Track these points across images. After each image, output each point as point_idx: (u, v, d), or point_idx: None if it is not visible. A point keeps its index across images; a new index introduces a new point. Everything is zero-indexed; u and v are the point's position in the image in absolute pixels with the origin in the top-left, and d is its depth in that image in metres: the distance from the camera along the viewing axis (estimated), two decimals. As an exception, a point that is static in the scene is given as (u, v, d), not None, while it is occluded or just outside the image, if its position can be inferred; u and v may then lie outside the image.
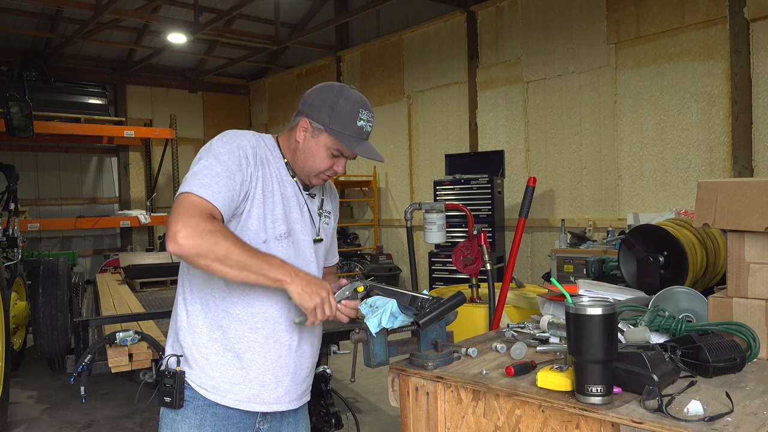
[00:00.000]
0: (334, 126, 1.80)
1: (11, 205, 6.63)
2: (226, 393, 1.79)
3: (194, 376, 1.79)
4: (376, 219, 9.86)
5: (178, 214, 1.59)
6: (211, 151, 1.73)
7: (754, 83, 5.84)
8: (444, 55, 8.76)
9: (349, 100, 1.82)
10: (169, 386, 1.77)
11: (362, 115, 1.83)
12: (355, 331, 1.79)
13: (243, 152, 1.74)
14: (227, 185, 1.67)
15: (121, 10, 8.24)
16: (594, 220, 7.01)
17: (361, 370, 5.33)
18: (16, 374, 5.90)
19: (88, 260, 10.79)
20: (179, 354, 1.81)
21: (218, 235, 1.58)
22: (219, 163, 1.69)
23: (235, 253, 1.59)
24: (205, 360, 1.79)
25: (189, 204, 1.61)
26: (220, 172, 1.67)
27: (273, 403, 1.85)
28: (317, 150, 1.84)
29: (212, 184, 1.65)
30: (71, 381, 3.19)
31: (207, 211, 1.62)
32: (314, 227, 1.93)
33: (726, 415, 1.36)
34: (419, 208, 4.08)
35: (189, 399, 1.78)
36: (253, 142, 1.80)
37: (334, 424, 2.77)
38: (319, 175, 1.88)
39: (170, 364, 1.80)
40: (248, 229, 1.76)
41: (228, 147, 1.73)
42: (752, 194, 1.87)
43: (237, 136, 1.79)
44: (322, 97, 1.84)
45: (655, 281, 2.44)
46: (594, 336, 1.43)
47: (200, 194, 1.62)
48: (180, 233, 1.56)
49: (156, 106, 11.61)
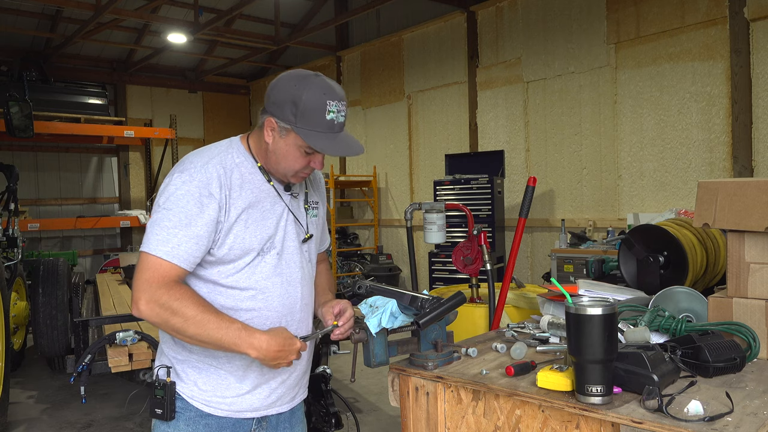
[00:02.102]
0: (301, 124, 1.65)
1: (11, 205, 6.63)
2: (218, 404, 1.76)
3: (185, 388, 1.76)
4: (376, 219, 9.86)
5: (138, 281, 1.61)
6: (170, 195, 1.65)
7: (754, 83, 5.84)
8: (444, 55, 8.76)
9: (313, 92, 1.65)
10: (159, 398, 1.74)
11: (330, 106, 1.66)
12: (355, 331, 1.79)
13: (206, 188, 1.65)
14: (187, 234, 1.62)
15: (121, 10, 8.24)
16: (594, 220, 7.01)
17: (361, 370, 5.33)
18: (16, 374, 5.90)
19: (88, 260, 10.79)
20: (169, 365, 1.78)
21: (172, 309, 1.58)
22: (179, 210, 1.62)
23: (189, 328, 1.59)
24: (196, 373, 1.76)
25: (147, 268, 1.60)
26: (180, 222, 1.62)
27: (265, 410, 1.83)
28: (288, 150, 1.71)
29: (170, 238, 1.61)
30: (71, 381, 3.19)
31: (165, 275, 1.60)
32: (302, 227, 1.85)
33: (726, 415, 1.36)
34: (419, 208, 4.08)
35: (180, 410, 1.75)
36: (215, 172, 1.68)
37: (334, 424, 2.77)
38: (296, 174, 1.76)
39: (160, 375, 1.77)
40: (231, 253, 1.70)
41: (188, 187, 1.64)
42: (752, 194, 1.87)
43: (196, 170, 1.66)
44: (283, 92, 1.67)
45: (655, 281, 2.44)
46: (594, 336, 1.43)
47: (158, 254, 1.60)
48: (140, 302, 1.59)
49: (156, 106, 11.61)
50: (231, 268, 1.72)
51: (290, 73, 1.74)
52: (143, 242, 1.64)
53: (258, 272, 1.75)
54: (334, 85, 1.70)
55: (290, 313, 1.82)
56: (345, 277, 9.23)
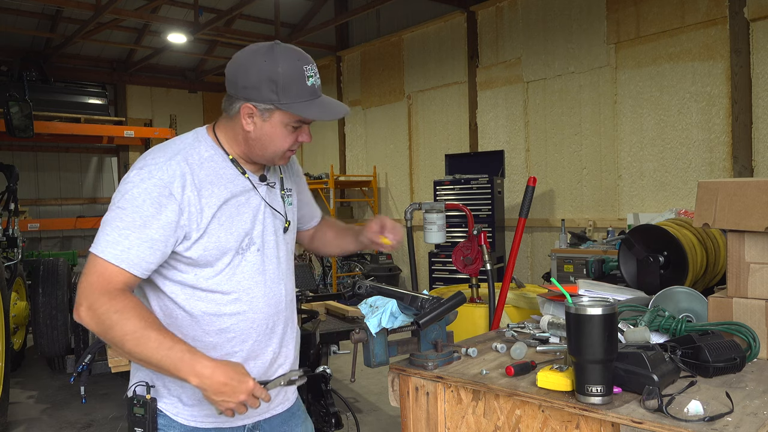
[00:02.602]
0: (285, 99, 1.55)
1: (11, 205, 6.63)
2: (206, 418, 1.64)
3: (168, 405, 1.63)
4: (376, 219, 9.85)
5: (81, 284, 1.48)
6: (125, 194, 1.51)
7: (754, 83, 5.84)
8: (444, 55, 8.76)
9: (287, 62, 1.55)
10: (140, 416, 1.60)
11: (308, 71, 1.58)
12: (355, 331, 1.79)
13: (165, 188, 1.51)
14: (140, 237, 1.48)
15: (121, 10, 8.24)
16: (594, 220, 7.01)
17: (361, 370, 5.33)
18: (16, 374, 5.90)
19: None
20: (147, 381, 1.62)
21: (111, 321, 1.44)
22: (133, 210, 1.49)
23: (126, 344, 1.44)
24: (180, 388, 1.62)
25: (93, 272, 1.47)
26: (133, 223, 1.48)
27: (257, 416, 1.73)
28: (274, 132, 1.60)
29: (120, 240, 1.47)
30: (71, 381, 3.19)
31: (109, 281, 1.46)
32: (281, 217, 1.75)
33: (726, 415, 1.36)
34: (419, 208, 4.08)
35: (163, 428, 1.62)
36: (179, 170, 1.54)
37: (334, 424, 2.77)
38: (284, 155, 1.66)
39: (138, 392, 1.62)
40: (207, 254, 1.58)
41: (143, 186, 1.50)
42: (752, 194, 1.87)
43: (157, 167, 1.53)
44: (254, 71, 1.55)
45: (655, 281, 2.44)
46: (594, 336, 1.43)
47: (106, 257, 1.46)
48: (80, 308, 1.47)
49: (156, 106, 11.61)
50: (210, 272, 1.60)
51: (247, 50, 1.61)
52: (94, 241, 1.50)
53: (239, 272, 1.63)
54: (300, 50, 1.62)
55: (276, 312, 1.72)
56: (345, 277, 9.23)
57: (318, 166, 10.89)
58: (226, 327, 1.63)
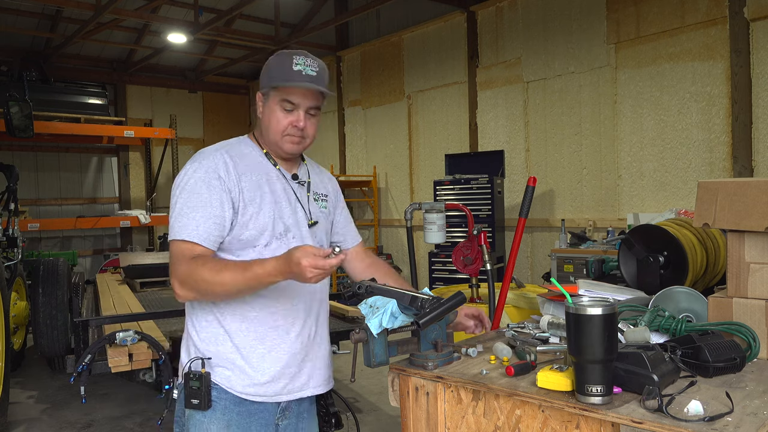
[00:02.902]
0: (274, 82, 1.84)
1: (11, 205, 6.63)
2: (255, 392, 1.84)
3: (221, 379, 1.83)
4: (376, 219, 9.86)
5: (171, 271, 1.76)
6: (184, 186, 1.80)
7: (754, 83, 5.84)
8: (444, 55, 8.76)
9: (280, 55, 1.88)
10: (196, 388, 1.79)
11: (297, 60, 1.84)
12: (355, 331, 1.79)
13: (214, 173, 1.79)
14: (204, 215, 1.75)
15: (121, 10, 8.24)
16: (594, 220, 7.01)
17: (361, 370, 5.33)
18: (16, 374, 5.90)
19: (88, 260, 10.79)
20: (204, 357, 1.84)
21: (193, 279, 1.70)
22: (192, 196, 1.77)
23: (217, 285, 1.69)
24: (231, 364, 1.83)
25: (174, 254, 1.76)
26: (195, 205, 1.76)
27: (298, 391, 1.91)
28: (272, 112, 1.87)
29: (189, 222, 1.75)
30: (71, 381, 3.19)
31: (189, 255, 1.73)
32: (306, 213, 1.95)
33: (726, 415, 1.36)
34: (419, 208, 4.08)
35: (216, 399, 1.82)
36: (221, 159, 1.83)
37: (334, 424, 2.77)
38: (284, 138, 1.88)
39: (193, 367, 1.83)
40: (249, 235, 1.81)
41: (198, 174, 1.80)
42: (752, 194, 1.87)
43: (205, 156, 1.84)
44: (264, 69, 1.91)
45: (655, 281, 2.44)
46: (594, 336, 1.43)
47: (181, 238, 1.75)
48: (175, 287, 1.74)
49: (156, 106, 11.61)
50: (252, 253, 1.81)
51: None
52: (170, 233, 1.79)
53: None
54: (302, 52, 1.89)
55: (312, 293, 1.94)
56: (345, 277, 9.23)
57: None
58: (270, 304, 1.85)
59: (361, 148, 10.27)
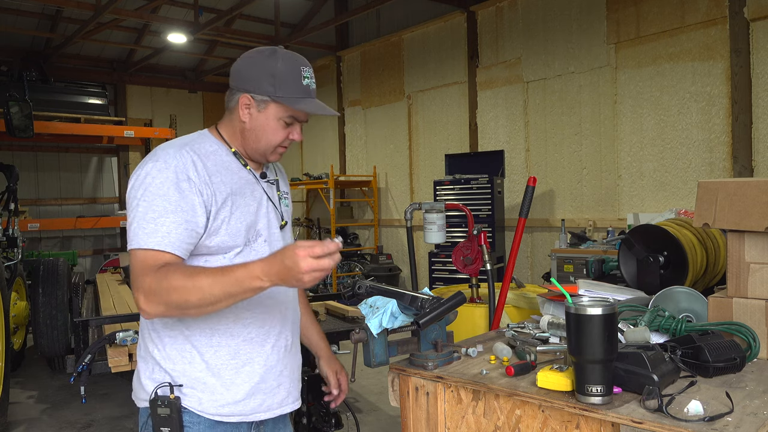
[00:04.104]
0: (281, 93, 1.65)
1: (11, 205, 6.63)
2: (230, 411, 1.68)
3: (192, 402, 1.66)
4: (376, 219, 9.86)
5: (133, 280, 1.53)
6: (147, 187, 1.57)
7: (754, 83, 5.84)
8: (444, 55, 8.76)
9: (287, 61, 1.67)
10: (165, 416, 1.62)
11: (304, 72, 1.68)
12: (355, 331, 1.79)
13: (183, 173, 1.58)
14: (176, 220, 1.55)
15: (121, 10, 8.24)
16: (594, 220, 7.01)
17: (361, 370, 5.33)
18: (16, 374, 5.90)
19: (88, 260, 10.78)
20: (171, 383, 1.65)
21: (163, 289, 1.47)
22: (158, 199, 1.55)
23: (192, 292, 1.47)
24: (202, 384, 1.66)
25: (138, 265, 1.53)
26: (164, 210, 1.54)
27: (277, 408, 1.77)
28: (267, 123, 1.69)
29: (158, 229, 1.53)
30: (71, 381, 3.18)
31: (155, 264, 1.51)
32: (277, 214, 1.81)
33: (726, 415, 1.36)
34: (419, 208, 4.08)
35: (188, 425, 1.65)
36: (189, 158, 1.61)
37: (334, 424, 2.77)
38: (275, 150, 1.74)
39: (160, 393, 1.64)
40: (220, 242, 1.64)
41: (165, 174, 1.57)
42: (752, 194, 1.87)
43: (170, 157, 1.60)
44: (256, 66, 1.68)
45: (655, 281, 2.44)
46: (594, 336, 1.43)
47: (149, 246, 1.52)
48: (140, 301, 1.51)
49: (156, 106, 11.61)
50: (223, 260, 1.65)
51: (251, 51, 1.73)
52: (129, 240, 1.56)
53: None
54: (299, 55, 1.73)
55: (285, 301, 1.80)
56: (345, 277, 9.22)
57: (318, 166, 10.90)
58: (242, 314, 1.69)
59: (361, 148, 10.26)
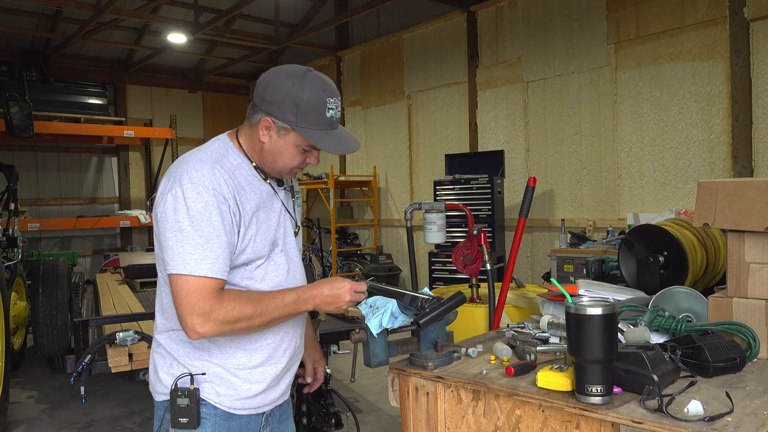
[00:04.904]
0: (302, 124, 1.66)
1: (11, 205, 6.64)
2: (243, 405, 1.77)
3: (211, 394, 1.73)
4: (376, 219, 9.86)
5: (185, 307, 1.58)
6: (188, 209, 1.59)
7: (754, 83, 5.84)
8: (444, 55, 8.76)
9: (313, 91, 1.65)
10: (184, 406, 1.70)
11: (330, 104, 1.67)
12: (355, 331, 1.79)
13: (220, 195, 1.62)
14: (220, 245, 1.61)
15: (121, 10, 8.24)
16: (594, 220, 7.01)
17: (361, 370, 5.33)
18: (16, 374, 5.90)
19: (88, 260, 10.79)
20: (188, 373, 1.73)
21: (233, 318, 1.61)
22: (203, 224, 1.59)
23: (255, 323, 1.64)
24: (219, 379, 1.74)
25: (191, 292, 1.58)
26: (210, 235, 1.59)
27: (277, 401, 1.88)
28: (286, 149, 1.71)
29: (207, 255, 1.59)
30: (71, 381, 3.19)
31: (211, 292, 1.59)
32: (292, 222, 1.88)
33: (726, 415, 1.36)
34: (419, 208, 4.08)
35: (206, 416, 1.73)
36: (222, 177, 1.65)
37: (334, 424, 2.77)
38: (291, 171, 1.78)
39: (180, 384, 1.72)
40: (246, 259, 1.71)
41: (203, 200, 1.60)
42: (752, 194, 1.87)
43: (207, 179, 1.62)
44: (281, 92, 1.65)
45: (655, 281, 2.44)
46: (594, 336, 1.43)
47: (201, 273, 1.58)
48: (197, 326, 1.59)
49: (156, 106, 11.61)
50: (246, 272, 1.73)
51: (282, 69, 1.71)
52: (175, 263, 1.59)
53: (270, 273, 1.77)
54: (328, 81, 1.72)
55: None
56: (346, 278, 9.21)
57: (318, 166, 10.84)
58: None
59: (361, 148, 10.26)
